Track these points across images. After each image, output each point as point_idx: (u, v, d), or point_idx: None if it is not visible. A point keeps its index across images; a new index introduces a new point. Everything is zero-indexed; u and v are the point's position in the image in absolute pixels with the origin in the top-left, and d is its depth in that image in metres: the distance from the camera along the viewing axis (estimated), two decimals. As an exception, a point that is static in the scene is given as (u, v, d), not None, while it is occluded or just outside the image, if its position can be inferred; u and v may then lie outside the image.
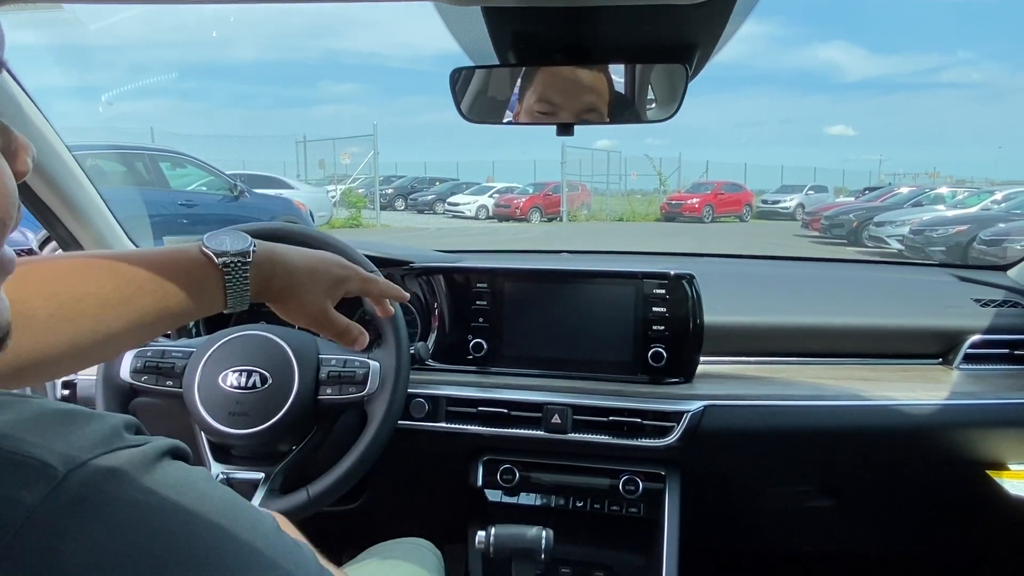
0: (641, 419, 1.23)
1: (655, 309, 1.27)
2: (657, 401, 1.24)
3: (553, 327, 1.31)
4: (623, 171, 22.97)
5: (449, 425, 1.28)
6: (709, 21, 0.98)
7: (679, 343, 1.26)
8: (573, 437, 1.24)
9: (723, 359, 1.36)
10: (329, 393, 1.12)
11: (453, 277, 1.34)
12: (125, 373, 1.14)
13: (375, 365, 1.14)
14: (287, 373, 1.11)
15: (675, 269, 1.27)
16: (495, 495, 1.32)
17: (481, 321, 1.33)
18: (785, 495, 1.40)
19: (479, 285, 1.33)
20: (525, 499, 1.31)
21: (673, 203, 19.08)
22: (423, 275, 1.36)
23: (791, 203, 19.27)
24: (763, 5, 0.93)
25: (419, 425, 1.27)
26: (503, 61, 1.09)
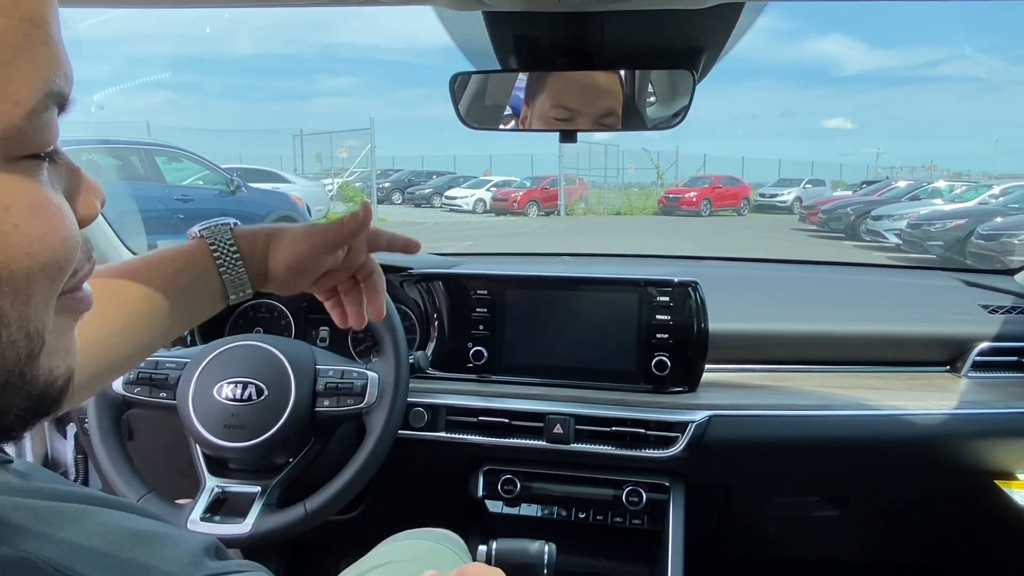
0: (645, 429, 1.21)
1: (659, 317, 1.24)
2: (661, 411, 1.21)
3: (555, 335, 1.28)
4: (620, 165, 22.92)
5: (449, 435, 1.26)
6: (715, 26, 0.96)
7: (683, 351, 1.24)
8: (575, 447, 1.22)
9: (728, 367, 1.34)
10: (327, 405, 1.10)
11: (452, 284, 1.32)
12: (117, 385, 1.11)
13: (373, 376, 1.11)
14: (284, 385, 1.08)
15: (679, 276, 1.25)
16: (496, 506, 1.29)
17: (481, 328, 1.30)
18: (790, 505, 1.38)
19: (479, 292, 1.30)
20: (526, 510, 1.29)
21: (671, 197, 19.05)
22: (422, 281, 1.33)
23: (789, 197, 19.25)
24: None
25: (418, 435, 1.25)
26: (504, 66, 1.07)
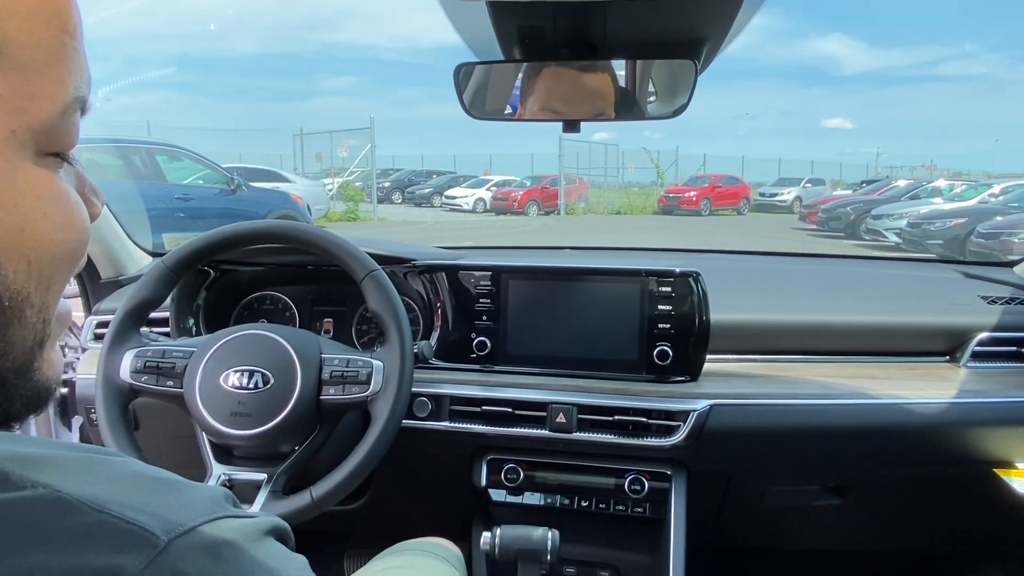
0: (647, 418, 1.22)
1: (661, 307, 1.25)
2: (663, 400, 1.22)
3: (557, 325, 1.29)
4: (621, 164, 22.93)
5: (453, 424, 1.27)
6: (718, 14, 0.97)
7: (685, 341, 1.25)
8: (578, 436, 1.23)
9: (729, 357, 1.35)
10: (332, 393, 1.11)
11: (456, 275, 1.33)
12: (125, 373, 1.12)
13: (378, 365, 1.12)
14: (289, 373, 1.09)
15: (681, 266, 1.26)
16: (499, 495, 1.30)
17: (484, 319, 1.31)
18: (791, 494, 1.39)
19: (482, 283, 1.31)
20: (529, 499, 1.30)
21: (671, 196, 19.06)
22: (426, 273, 1.34)
23: (788, 196, 19.27)
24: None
25: (422, 424, 1.26)
26: (508, 57, 1.08)
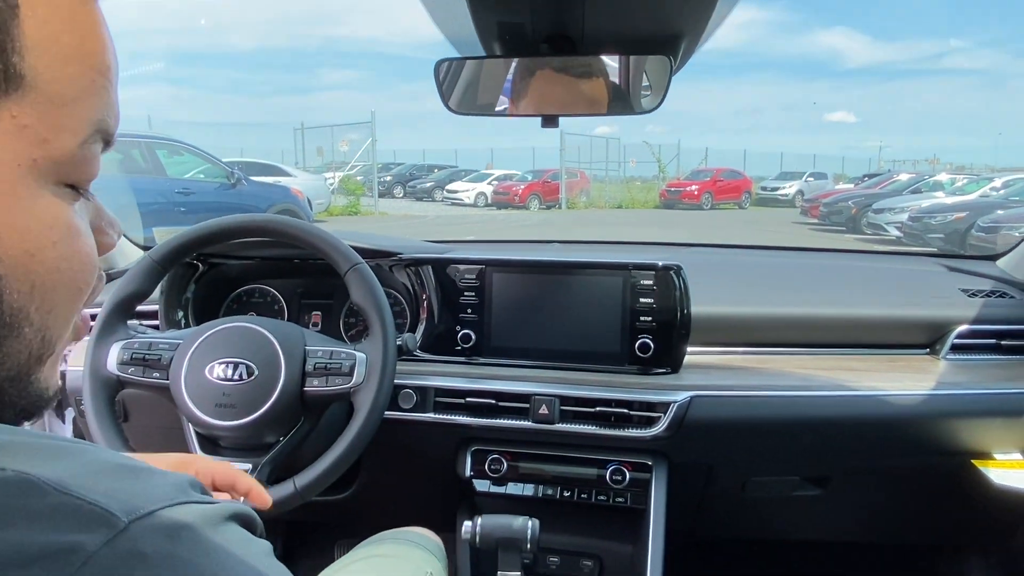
0: (628, 409, 1.23)
1: (642, 300, 1.27)
2: (644, 392, 1.24)
3: (541, 318, 1.31)
4: (622, 158, 22.95)
5: (437, 416, 1.28)
6: (694, 10, 0.98)
7: (666, 334, 1.26)
8: (561, 427, 1.24)
9: (711, 350, 1.37)
10: (316, 385, 1.13)
11: (441, 268, 1.34)
12: (112, 365, 1.14)
13: (361, 356, 1.14)
14: (273, 365, 1.11)
15: (663, 260, 1.27)
16: (483, 485, 1.32)
17: (469, 312, 1.33)
18: (771, 484, 1.40)
19: (467, 276, 1.33)
20: (513, 489, 1.32)
21: (672, 190, 19.06)
22: (411, 266, 1.36)
23: (790, 190, 19.25)
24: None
25: (407, 416, 1.28)
26: (489, 52, 1.09)
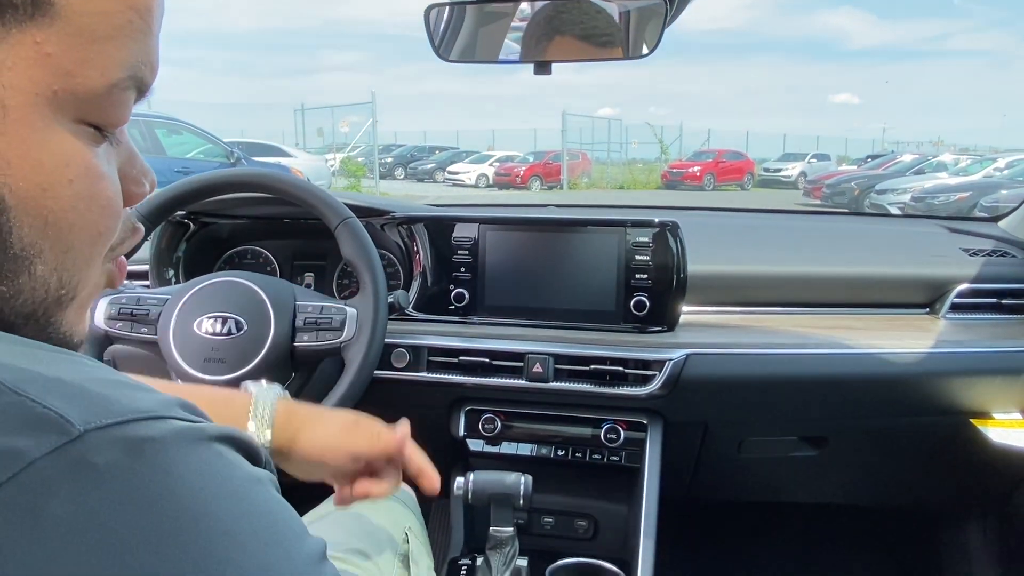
0: (623, 367, 1.22)
1: (639, 257, 1.25)
2: (639, 350, 1.22)
3: (535, 276, 1.29)
4: (624, 139, 22.80)
5: (430, 375, 1.27)
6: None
7: (662, 292, 1.24)
8: (555, 386, 1.23)
9: (707, 309, 1.35)
10: (306, 340, 1.11)
11: (434, 226, 1.33)
12: (100, 320, 1.13)
13: (352, 312, 1.13)
14: (263, 319, 1.10)
15: (660, 216, 1.25)
16: (477, 444, 1.31)
17: (463, 271, 1.31)
18: (768, 444, 1.39)
19: (461, 234, 1.31)
20: (507, 448, 1.31)
21: (674, 171, 18.98)
22: (404, 224, 1.34)
23: (793, 171, 19.18)
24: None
25: (401, 375, 1.27)
26: (479, -4, 1.07)
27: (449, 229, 1.32)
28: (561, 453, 1.29)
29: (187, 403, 0.36)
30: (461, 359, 1.26)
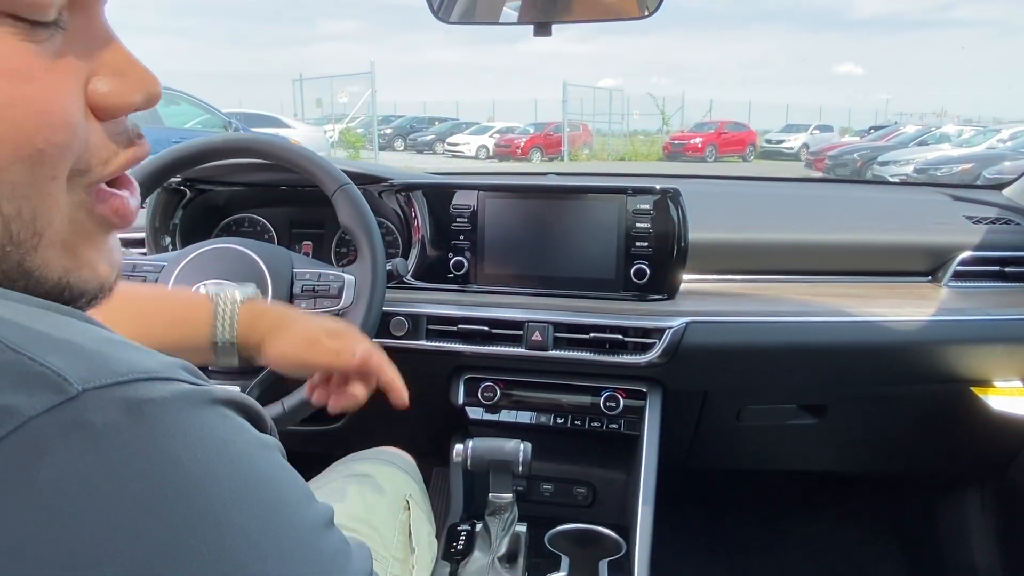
0: (623, 335, 1.21)
1: (639, 225, 1.24)
2: (639, 318, 1.22)
3: (535, 244, 1.28)
4: (626, 111, 22.61)
5: (430, 343, 1.27)
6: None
7: (663, 260, 1.23)
8: (554, 354, 1.23)
9: (708, 277, 1.34)
10: (303, 307, 1.11)
11: (433, 194, 1.31)
12: (96, 287, 1.12)
13: (350, 279, 1.12)
14: (260, 286, 1.08)
15: (661, 184, 1.24)
16: (476, 412, 1.31)
17: (462, 239, 1.30)
18: (768, 413, 1.39)
19: (459, 202, 1.30)
20: (506, 416, 1.31)
21: (676, 143, 18.87)
22: (402, 191, 1.33)
23: (795, 143, 19.08)
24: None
25: (400, 343, 1.26)
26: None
27: (448, 197, 1.30)
28: (560, 421, 1.28)
29: (190, 366, 0.35)
30: (460, 327, 1.26)
